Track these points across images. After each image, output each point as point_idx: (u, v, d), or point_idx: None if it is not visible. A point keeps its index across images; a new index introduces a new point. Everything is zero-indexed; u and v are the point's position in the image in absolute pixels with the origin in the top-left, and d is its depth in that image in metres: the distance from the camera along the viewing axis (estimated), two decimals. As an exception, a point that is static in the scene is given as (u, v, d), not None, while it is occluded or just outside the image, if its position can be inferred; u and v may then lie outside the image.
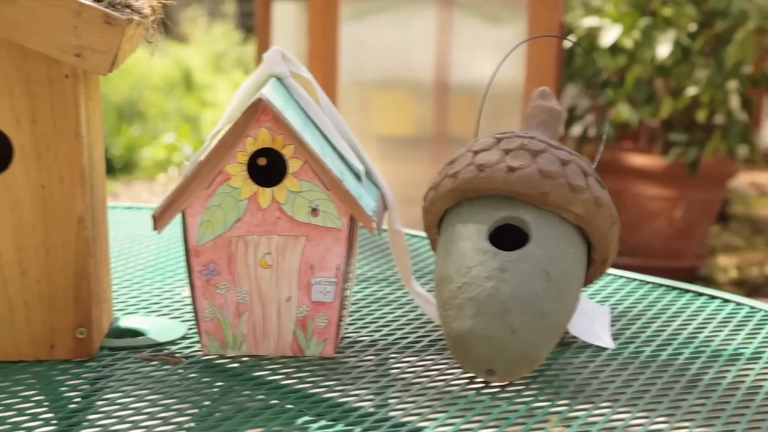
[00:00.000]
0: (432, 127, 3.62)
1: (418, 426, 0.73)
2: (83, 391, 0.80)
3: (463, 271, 0.80)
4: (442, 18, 3.69)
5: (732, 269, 3.91)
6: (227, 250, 0.84)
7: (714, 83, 3.60)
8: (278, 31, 3.96)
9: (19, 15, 0.77)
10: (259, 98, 0.81)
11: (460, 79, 3.69)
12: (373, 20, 3.74)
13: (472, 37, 3.70)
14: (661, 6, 3.74)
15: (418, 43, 3.70)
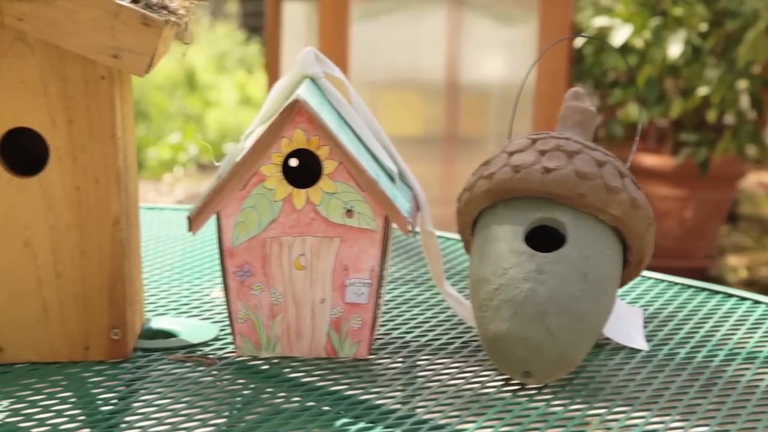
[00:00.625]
0: (442, 127, 3.62)
1: (457, 429, 0.73)
2: (119, 392, 0.80)
3: (499, 273, 0.80)
4: (453, 18, 3.69)
5: (742, 269, 3.91)
6: (262, 251, 0.84)
7: (725, 83, 3.60)
8: (288, 31, 3.96)
9: (57, 16, 0.77)
10: (296, 99, 0.81)
11: (471, 78, 3.69)
12: (383, 20, 3.74)
13: (482, 37, 3.70)
14: (672, 6, 3.73)
15: (429, 43, 3.70)
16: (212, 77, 6.20)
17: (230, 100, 5.94)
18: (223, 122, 5.54)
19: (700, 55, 3.65)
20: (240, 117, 5.73)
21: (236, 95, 6.08)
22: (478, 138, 3.74)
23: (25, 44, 0.80)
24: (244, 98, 6.15)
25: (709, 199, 3.80)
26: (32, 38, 0.79)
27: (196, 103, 5.68)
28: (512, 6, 3.70)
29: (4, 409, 0.76)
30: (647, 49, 3.70)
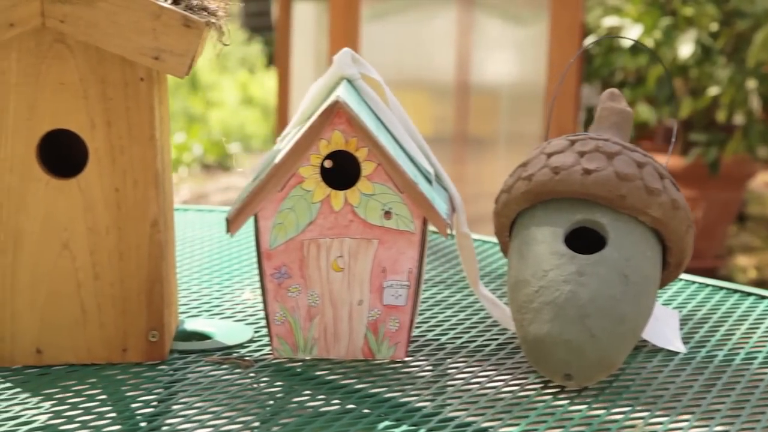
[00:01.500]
0: (452, 128, 3.62)
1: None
2: (159, 395, 0.79)
3: (539, 275, 0.79)
4: (463, 18, 3.68)
5: (751, 270, 3.90)
6: (299, 253, 0.84)
7: (735, 83, 3.59)
8: (297, 31, 3.96)
9: (98, 18, 0.77)
10: (336, 100, 0.81)
11: (481, 79, 3.69)
12: (393, 20, 3.74)
13: (492, 37, 3.70)
14: (682, 5, 3.73)
15: (439, 43, 3.70)
16: (214, 77, 6.19)
17: (232, 100, 5.94)
18: (225, 122, 5.54)
19: (711, 54, 3.65)
20: (242, 117, 5.73)
21: (238, 95, 6.08)
22: (487, 138, 3.74)
23: (64, 46, 0.80)
24: (246, 98, 6.15)
25: (719, 200, 3.80)
26: (72, 40, 0.79)
27: (198, 103, 5.68)
28: (522, 6, 3.70)
29: (46, 411, 0.76)
30: (657, 49, 3.70)
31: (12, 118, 0.80)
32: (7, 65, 0.79)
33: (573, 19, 3.42)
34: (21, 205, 0.82)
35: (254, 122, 5.80)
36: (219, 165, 5.24)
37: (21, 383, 0.81)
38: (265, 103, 6.06)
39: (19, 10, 0.77)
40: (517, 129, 3.66)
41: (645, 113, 3.86)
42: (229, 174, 5.14)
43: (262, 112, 6.00)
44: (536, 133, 3.51)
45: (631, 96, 3.85)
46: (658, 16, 3.71)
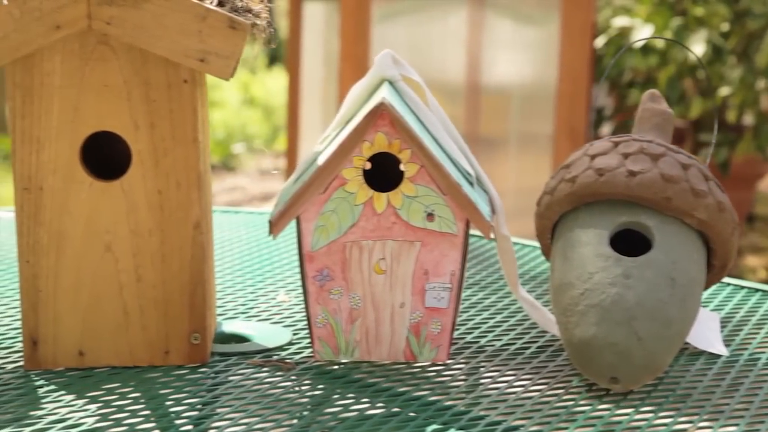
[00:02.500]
0: (463, 128, 3.61)
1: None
2: (203, 398, 0.79)
3: (584, 277, 0.79)
4: (474, 18, 3.68)
5: (761, 270, 3.90)
6: (341, 255, 0.84)
7: (746, 83, 3.59)
8: (307, 31, 3.96)
9: (145, 20, 0.77)
10: (381, 102, 0.81)
11: (492, 79, 3.68)
12: (404, 21, 3.74)
13: (503, 37, 3.69)
14: (693, 5, 3.72)
15: (450, 44, 3.69)
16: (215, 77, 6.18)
17: (234, 100, 5.93)
18: (227, 122, 5.54)
19: (721, 55, 3.65)
20: (244, 117, 5.73)
21: (240, 95, 6.07)
22: (498, 138, 3.74)
23: (108, 48, 0.79)
24: (247, 98, 6.15)
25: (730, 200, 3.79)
26: (116, 42, 0.79)
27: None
28: (533, 6, 3.70)
29: (92, 414, 0.76)
30: (668, 49, 3.69)
31: (56, 121, 0.80)
32: (52, 67, 0.79)
33: (584, 19, 3.42)
34: (64, 207, 0.81)
35: (256, 122, 5.80)
36: (223, 165, 5.24)
37: (64, 386, 0.80)
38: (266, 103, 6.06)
39: (65, 12, 0.76)
40: (527, 129, 3.66)
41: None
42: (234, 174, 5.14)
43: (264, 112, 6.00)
44: (547, 134, 3.51)
45: (640, 96, 3.84)
46: (668, 17, 3.71)
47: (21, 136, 0.80)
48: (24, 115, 0.80)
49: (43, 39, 0.77)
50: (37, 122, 0.80)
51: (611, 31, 3.84)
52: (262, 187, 5.01)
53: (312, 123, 3.97)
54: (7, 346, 0.88)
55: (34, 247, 0.81)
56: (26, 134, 0.80)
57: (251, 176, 5.20)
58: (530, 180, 3.54)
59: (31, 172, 0.81)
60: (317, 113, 3.99)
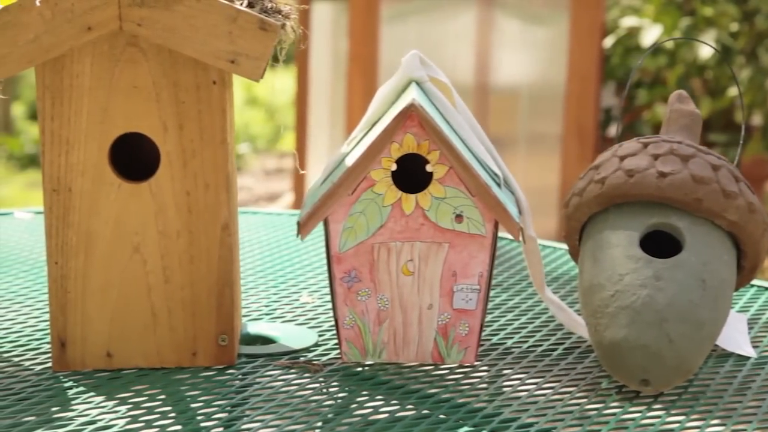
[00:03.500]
0: (472, 128, 3.61)
1: (580, 436, 0.73)
2: (232, 399, 0.79)
3: (615, 279, 0.79)
4: (483, 18, 3.68)
5: (770, 271, 3.89)
6: (369, 256, 0.84)
7: (755, 83, 3.59)
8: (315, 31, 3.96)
9: (176, 22, 0.77)
10: (411, 103, 0.80)
11: (500, 79, 3.68)
12: (413, 21, 3.73)
13: (512, 37, 3.69)
14: (702, 5, 3.72)
15: (459, 44, 3.69)
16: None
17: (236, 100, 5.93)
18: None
19: (730, 55, 3.64)
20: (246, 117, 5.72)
21: (242, 95, 6.06)
22: (507, 138, 3.74)
23: (138, 50, 0.79)
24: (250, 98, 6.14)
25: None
26: (145, 43, 0.79)
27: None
28: (542, 6, 3.70)
29: (123, 415, 0.75)
30: (677, 50, 3.69)
31: (85, 122, 0.80)
32: (81, 69, 0.79)
33: (594, 19, 3.41)
34: (93, 208, 0.81)
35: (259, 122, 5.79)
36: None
37: (93, 387, 0.80)
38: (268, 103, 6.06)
39: (96, 13, 0.76)
40: (536, 129, 3.65)
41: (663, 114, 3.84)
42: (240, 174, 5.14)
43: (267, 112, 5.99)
44: (556, 134, 3.51)
45: (648, 97, 3.85)
46: (677, 17, 3.70)
47: (50, 137, 0.80)
48: (53, 117, 0.80)
49: (74, 40, 0.77)
50: (67, 124, 0.80)
51: (620, 31, 3.83)
52: (268, 187, 5.01)
53: (320, 123, 3.97)
54: (33, 348, 0.88)
55: (62, 249, 0.81)
56: (55, 136, 0.80)
57: (256, 176, 5.19)
58: (539, 180, 3.54)
59: (60, 173, 0.80)
60: (325, 113, 3.99)
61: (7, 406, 0.76)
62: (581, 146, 3.52)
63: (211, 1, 0.77)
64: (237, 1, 0.78)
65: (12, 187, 4.89)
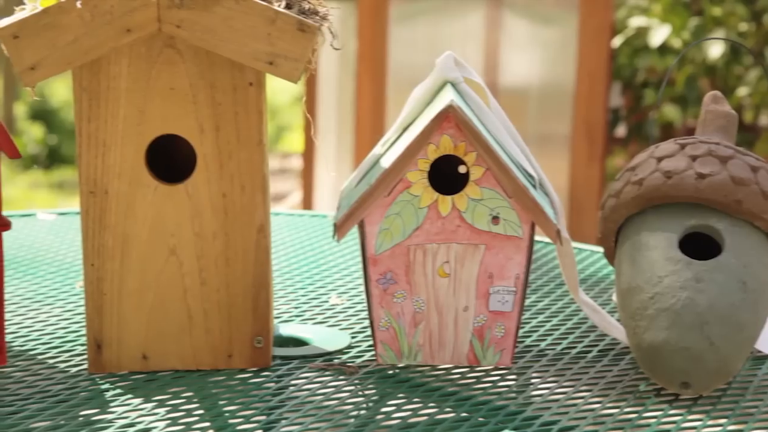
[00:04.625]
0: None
1: (622, 439, 0.73)
2: (269, 402, 0.79)
3: (654, 281, 0.79)
4: (492, 18, 3.67)
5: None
6: (405, 258, 0.84)
7: (764, 83, 3.58)
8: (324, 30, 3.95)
9: (215, 23, 0.77)
10: (450, 104, 0.80)
11: (509, 79, 3.68)
12: (422, 21, 3.73)
13: (521, 37, 3.69)
14: (710, 5, 3.72)
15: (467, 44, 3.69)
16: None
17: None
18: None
19: (739, 55, 3.64)
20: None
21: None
22: (515, 138, 3.72)
23: (175, 51, 0.79)
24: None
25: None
26: (182, 45, 0.79)
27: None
28: (551, 6, 3.69)
29: (162, 418, 0.75)
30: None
31: (122, 124, 0.80)
32: (118, 71, 0.79)
33: (602, 19, 3.41)
34: (129, 210, 0.81)
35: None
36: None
37: (130, 389, 0.80)
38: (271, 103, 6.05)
39: (136, 15, 0.76)
40: (545, 130, 3.65)
41: (672, 114, 3.85)
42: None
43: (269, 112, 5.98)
44: (565, 134, 3.50)
45: (655, 97, 3.84)
46: (686, 17, 3.70)
47: (87, 139, 0.80)
48: (90, 119, 0.79)
49: (113, 42, 0.77)
50: (103, 125, 0.80)
51: (628, 31, 3.83)
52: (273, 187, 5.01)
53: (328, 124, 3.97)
54: (67, 350, 0.88)
55: (99, 251, 0.81)
56: (92, 138, 0.80)
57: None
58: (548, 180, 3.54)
59: (97, 175, 0.80)
60: (333, 114, 3.99)
61: (46, 409, 0.76)
62: (590, 146, 3.51)
63: (250, 3, 0.76)
64: (275, 3, 0.78)
65: (15, 187, 4.89)
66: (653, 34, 3.69)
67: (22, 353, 0.86)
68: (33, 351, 0.87)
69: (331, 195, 3.76)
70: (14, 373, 0.82)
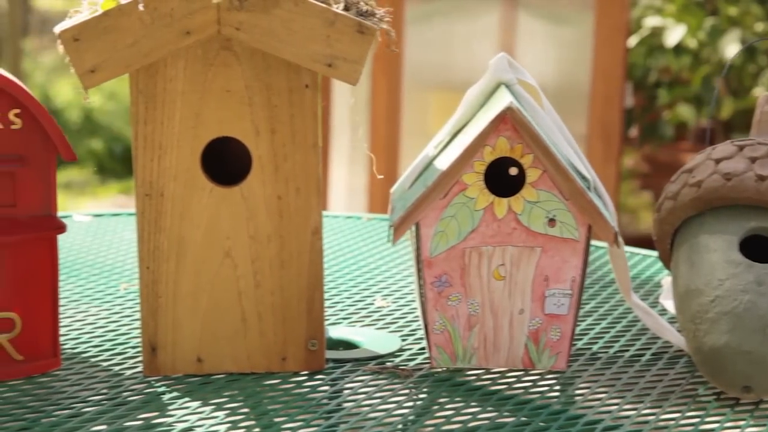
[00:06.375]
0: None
1: (686, 443, 0.72)
2: (327, 405, 0.78)
3: (714, 284, 0.78)
4: (507, 19, 3.67)
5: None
6: (460, 261, 0.83)
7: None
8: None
9: (274, 25, 0.76)
10: (509, 106, 0.80)
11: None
12: (437, 22, 3.73)
13: (537, 37, 3.68)
14: (726, 5, 3.71)
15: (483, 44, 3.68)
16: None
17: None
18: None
19: (755, 54, 3.63)
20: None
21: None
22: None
23: (231, 53, 0.79)
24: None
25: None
26: (239, 47, 0.78)
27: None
28: (567, 6, 3.68)
29: (222, 421, 0.75)
30: (700, 49, 3.68)
31: (178, 126, 0.79)
32: (175, 73, 0.78)
33: (619, 18, 3.40)
34: (185, 213, 0.81)
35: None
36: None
37: (186, 392, 0.80)
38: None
39: (196, 18, 0.76)
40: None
41: (686, 113, 3.85)
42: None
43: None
44: (580, 133, 3.49)
45: (668, 96, 3.84)
46: (701, 16, 3.69)
47: (143, 142, 0.79)
48: (147, 121, 0.79)
49: (172, 45, 0.76)
50: (160, 128, 0.79)
51: (643, 30, 3.82)
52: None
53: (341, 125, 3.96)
54: (119, 352, 0.87)
55: (154, 253, 0.81)
56: (148, 140, 0.79)
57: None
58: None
59: (153, 178, 0.80)
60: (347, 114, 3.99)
61: (106, 412, 0.76)
62: (606, 146, 3.51)
63: (309, 5, 0.76)
64: (333, 4, 0.77)
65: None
66: (669, 34, 3.68)
67: (75, 356, 0.86)
68: (85, 354, 0.87)
69: (346, 195, 3.76)
70: (69, 376, 0.82)
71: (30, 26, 5.79)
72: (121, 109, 4.67)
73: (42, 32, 5.74)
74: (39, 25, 5.82)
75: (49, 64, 5.21)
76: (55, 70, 5.15)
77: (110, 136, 4.56)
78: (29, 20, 5.81)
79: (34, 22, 5.86)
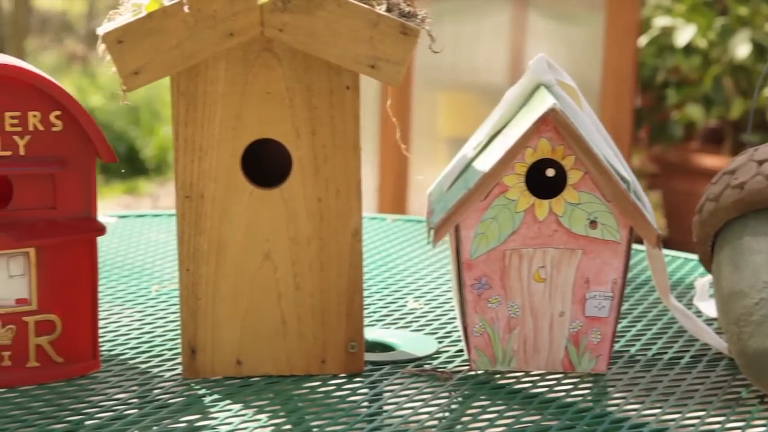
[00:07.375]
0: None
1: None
2: (368, 408, 0.78)
3: (759, 286, 0.78)
4: (517, 18, 3.67)
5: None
6: (501, 263, 0.83)
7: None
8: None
9: (317, 27, 0.76)
10: (552, 108, 0.79)
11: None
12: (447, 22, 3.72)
13: (547, 37, 3.68)
14: (736, 5, 3.70)
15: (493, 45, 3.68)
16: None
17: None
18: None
19: (765, 54, 3.62)
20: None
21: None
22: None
23: (272, 55, 0.78)
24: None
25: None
26: (280, 49, 0.78)
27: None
28: (577, 6, 3.68)
29: (265, 424, 0.74)
30: (710, 50, 3.67)
31: (218, 128, 0.79)
32: (216, 75, 0.78)
33: (629, 18, 3.40)
34: (225, 215, 0.80)
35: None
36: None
37: (226, 395, 0.79)
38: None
39: (239, 19, 0.75)
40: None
41: (695, 113, 3.84)
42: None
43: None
44: None
45: (677, 96, 3.83)
46: (711, 16, 3.69)
47: (183, 143, 0.79)
48: (187, 123, 0.79)
49: (215, 47, 0.76)
50: (200, 130, 0.79)
51: (653, 30, 3.82)
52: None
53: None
54: (157, 354, 0.87)
55: (194, 255, 0.80)
56: (189, 142, 0.79)
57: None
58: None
59: (193, 179, 0.80)
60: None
61: (149, 414, 0.75)
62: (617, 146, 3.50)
63: (353, 6, 0.76)
64: (376, 6, 0.77)
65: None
66: (679, 33, 3.68)
67: (112, 358, 0.86)
68: (122, 356, 0.86)
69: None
70: (109, 378, 0.82)
71: (30, 26, 5.78)
72: (123, 108, 4.66)
73: (42, 32, 5.73)
74: (39, 25, 5.81)
75: (50, 64, 5.20)
76: (56, 70, 5.14)
77: (113, 136, 4.55)
78: (29, 20, 5.81)
79: (34, 22, 5.85)
